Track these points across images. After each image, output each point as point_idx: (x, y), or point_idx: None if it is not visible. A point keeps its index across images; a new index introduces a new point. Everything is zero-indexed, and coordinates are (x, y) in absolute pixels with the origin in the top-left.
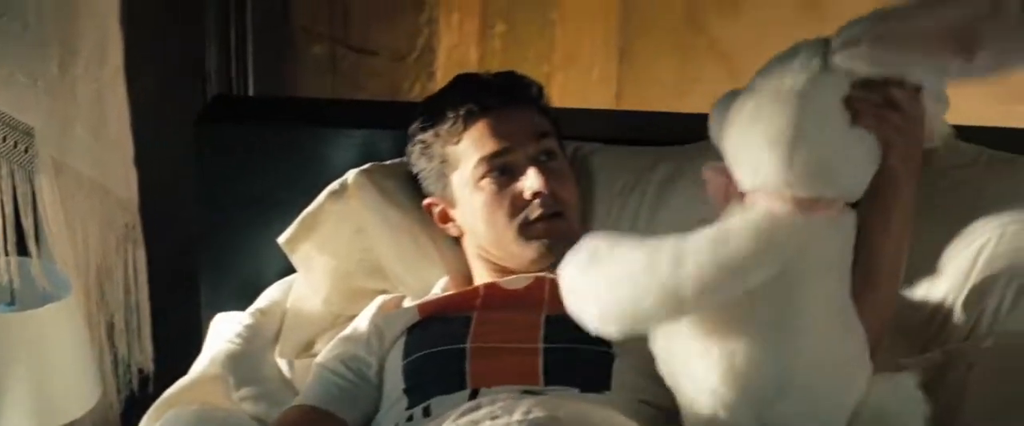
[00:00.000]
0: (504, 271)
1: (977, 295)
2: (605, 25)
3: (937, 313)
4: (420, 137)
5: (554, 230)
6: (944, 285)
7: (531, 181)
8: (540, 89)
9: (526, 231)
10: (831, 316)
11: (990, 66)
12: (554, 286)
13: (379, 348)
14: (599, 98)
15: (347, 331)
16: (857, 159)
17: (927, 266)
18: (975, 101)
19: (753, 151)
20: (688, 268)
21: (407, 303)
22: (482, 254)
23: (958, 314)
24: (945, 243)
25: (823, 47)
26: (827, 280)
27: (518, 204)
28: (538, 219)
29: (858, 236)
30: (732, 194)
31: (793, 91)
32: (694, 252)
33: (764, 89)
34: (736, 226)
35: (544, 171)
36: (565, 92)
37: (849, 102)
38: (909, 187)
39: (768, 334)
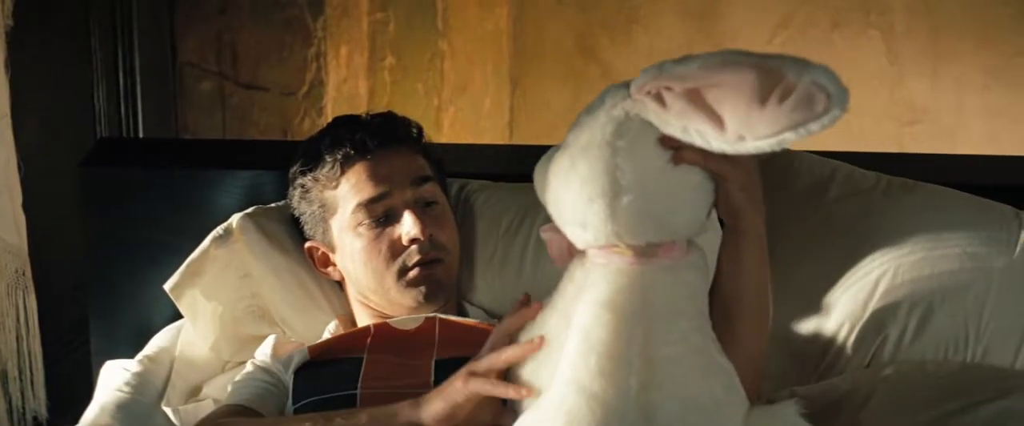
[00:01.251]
0: (385, 318)
1: (877, 323)
2: (496, 55)
3: (834, 341)
4: (300, 181)
5: (432, 277)
6: (842, 313)
7: (408, 227)
8: (420, 130)
9: (404, 277)
10: (688, 360)
11: (733, 143)
12: (445, 326)
13: (283, 381)
14: (492, 127)
15: (250, 366)
16: (684, 197)
17: (825, 293)
18: (868, 121)
19: (577, 208)
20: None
21: (300, 343)
22: (362, 300)
23: (857, 342)
24: (844, 270)
25: (626, 91)
26: (677, 324)
27: (396, 250)
28: (416, 265)
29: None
30: (573, 252)
31: (603, 142)
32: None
33: (575, 143)
34: (585, 315)
35: (422, 216)
36: (457, 122)
37: (667, 141)
38: (755, 214)
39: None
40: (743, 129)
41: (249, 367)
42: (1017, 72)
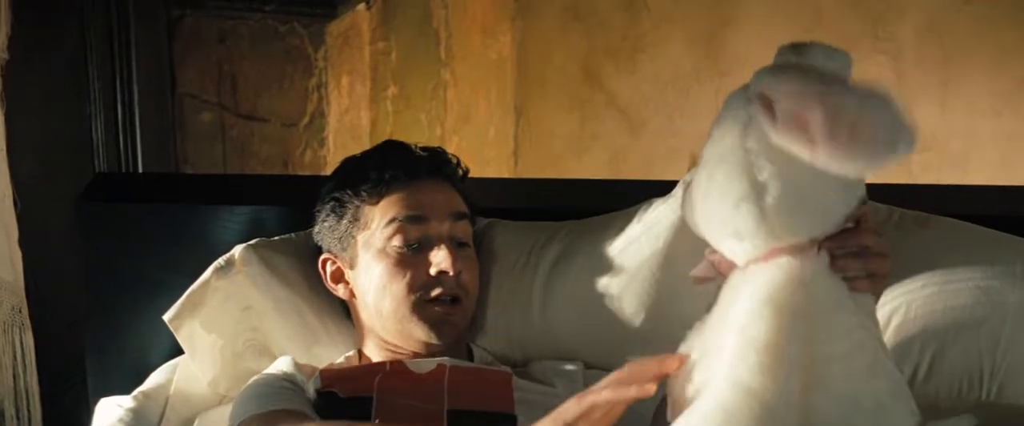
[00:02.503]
0: (388, 348)
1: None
2: (499, 83)
3: None
4: (335, 194)
5: (449, 316)
6: None
7: (441, 258)
8: (466, 173)
9: (421, 309)
10: (851, 358)
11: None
12: (455, 374)
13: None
14: (496, 157)
15: (267, 373)
16: (831, 184)
17: None
18: None
19: (726, 219)
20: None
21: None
22: (368, 323)
23: None
24: None
25: (746, 93)
26: (839, 318)
27: (421, 278)
28: (436, 298)
29: None
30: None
31: (734, 146)
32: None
33: (710, 157)
34: (744, 313)
35: (455, 252)
36: (461, 152)
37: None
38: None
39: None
40: (826, 163)
41: (268, 378)
42: None
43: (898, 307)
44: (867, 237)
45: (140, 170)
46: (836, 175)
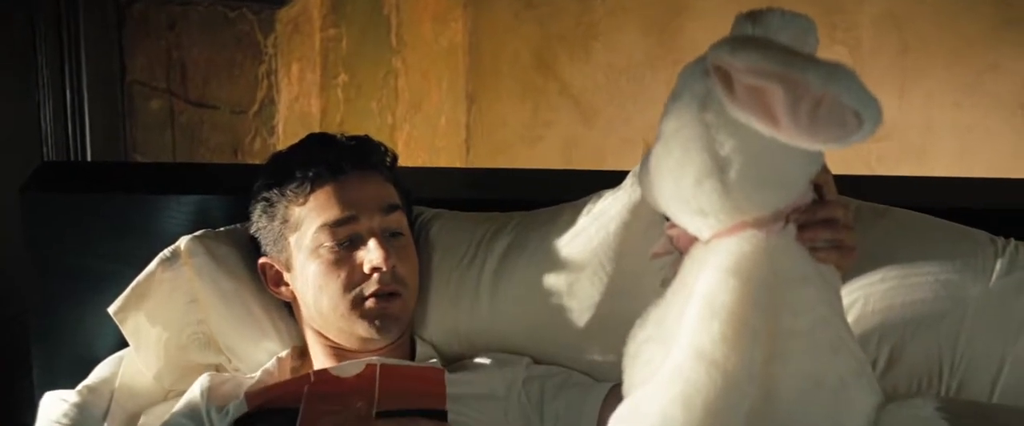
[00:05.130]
0: (331, 345)
1: None
2: (451, 71)
3: None
4: (264, 194)
5: (387, 311)
6: None
7: (372, 255)
8: (395, 158)
9: (358, 307)
10: (815, 333)
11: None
12: (385, 373)
13: None
14: (448, 146)
15: (180, 406)
16: (794, 153)
17: None
18: None
19: (688, 196)
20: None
21: (238, 379)
22: (312, 324)
23: None
24: None
25: (704, 66)
26: (804, 292)
27: (355, 277)
28: (373, 295)
29: None
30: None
31: (692, 120)
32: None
33: (667, 131)
34: (709, 282)
35: (387, 246)
36: (412, 141)
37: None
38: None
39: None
40: (789, 140)
41: (175, 418)
42: (987, 88)
43: (856, 300)
44: (835, 209)
45: (89, 158)
46: (791, 146)
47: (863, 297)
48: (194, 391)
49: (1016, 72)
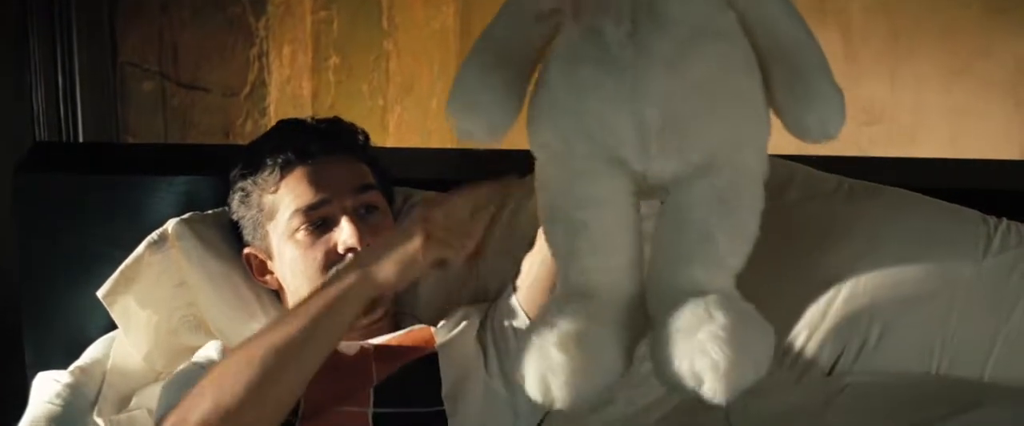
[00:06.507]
0: None
1: (838, 331)
2: (443, 54)
3: (792, 350)
4: (240, 184)
5: None
6: (801, 320)
7: (345, 235)
8: (366, 137)
9: None
10: None
11: None
12: (379, 353)
13: None
14: (439, 129)
15: (200, 359)
16: None
17: (783, 300)
18: None
19: None
20: None
21: None
22: None
23: (817, 351)
24: (803, 276)
25: None
26: None
27: (331, 258)
28: None
29: None
30: None
31: None
32: None
33: None
34: None
35: (360, 225)
36: (403, 124)
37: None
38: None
39: None
40: None
41: (191, 369)
42: (978, 72)
43: (847, 277)
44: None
45: (81, 140)
46: None
47: (855, 275)
48: (210, 353)
49: (1007, 56)
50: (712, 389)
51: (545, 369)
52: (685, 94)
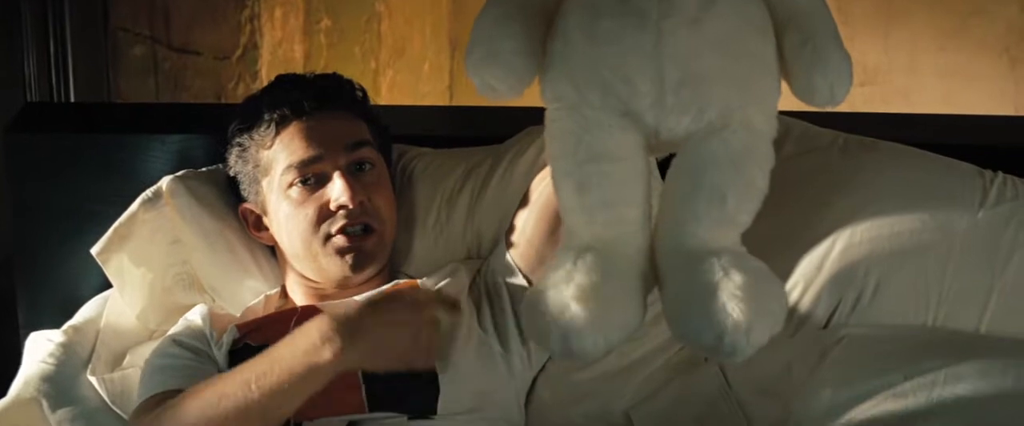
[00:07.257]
0: (313, 286)
1: (834, 284)
2: (434, 16)
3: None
4: (237, 139)
5: (362, 247)
6: (797, 273)
7: (337, 192)
8: (364, 93)
9: (329, 244)
10: None
11: None
12: None
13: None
14: (432, 91)
15: (180, 329)
16: None
17: (779, 253)
18: None
19: None
20: None
21: (229, 314)
22: (292, 266)
23: (813, 304)
24: (799, 229)
25: None
26: None
27: (323, 214)
28: (341, 232)
29: None
30: None
31: None
32: None
33: None
34: None
35: (354, 182)
36: (395, 87)
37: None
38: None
39: None
40: None
41: (172, 347)
42: (971, 32)
43: (843, 231)
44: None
45: None
46: None
47: (851, 228)
48: (194, 319)
49: (1000, 16)
50: (732, 346)
51: (565, 322)
52: (705, 51)
